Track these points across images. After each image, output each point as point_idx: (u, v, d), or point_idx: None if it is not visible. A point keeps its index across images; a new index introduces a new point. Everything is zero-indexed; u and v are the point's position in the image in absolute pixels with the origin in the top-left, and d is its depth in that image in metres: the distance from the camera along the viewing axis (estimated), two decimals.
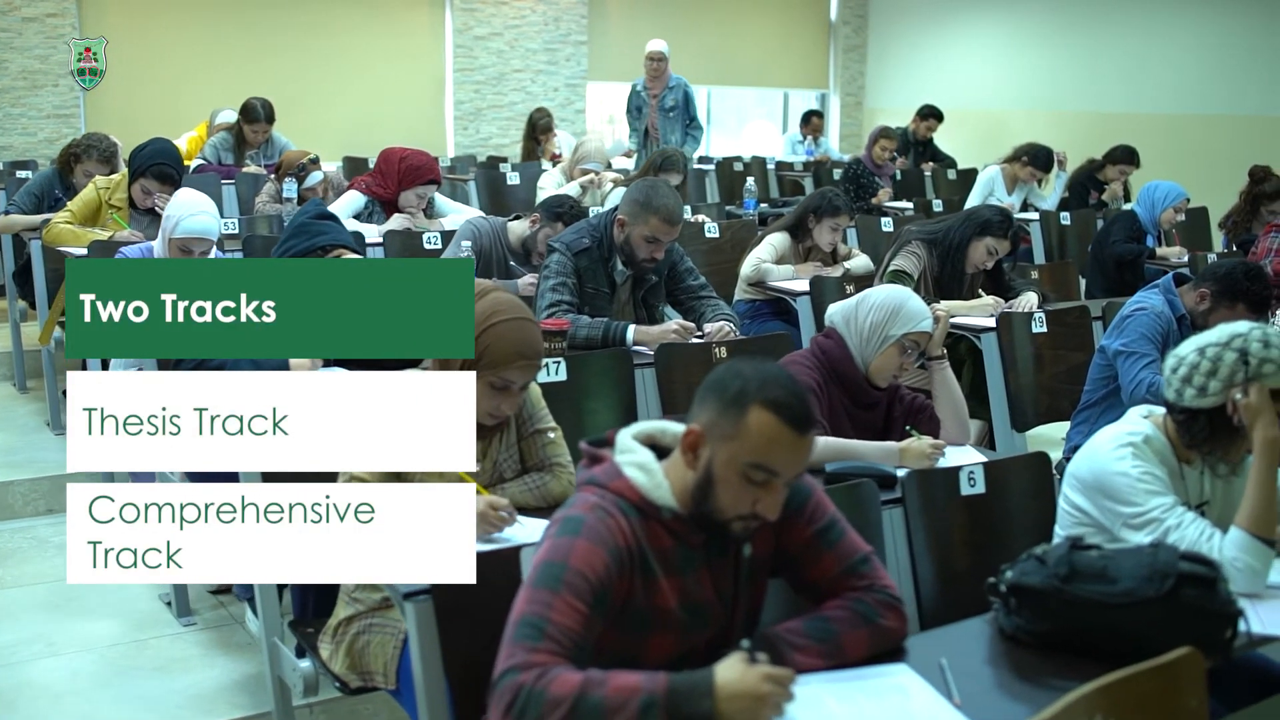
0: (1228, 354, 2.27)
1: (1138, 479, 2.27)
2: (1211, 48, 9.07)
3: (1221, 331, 2.32)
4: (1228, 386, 2.25)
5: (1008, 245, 4.35)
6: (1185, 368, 2.31)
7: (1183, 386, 2.31)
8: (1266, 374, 2.24)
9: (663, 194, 3.66)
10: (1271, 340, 2.27)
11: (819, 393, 2.94)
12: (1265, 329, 2.30)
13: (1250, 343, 2.27)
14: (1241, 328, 2.31)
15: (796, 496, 1.95)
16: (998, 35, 10.55)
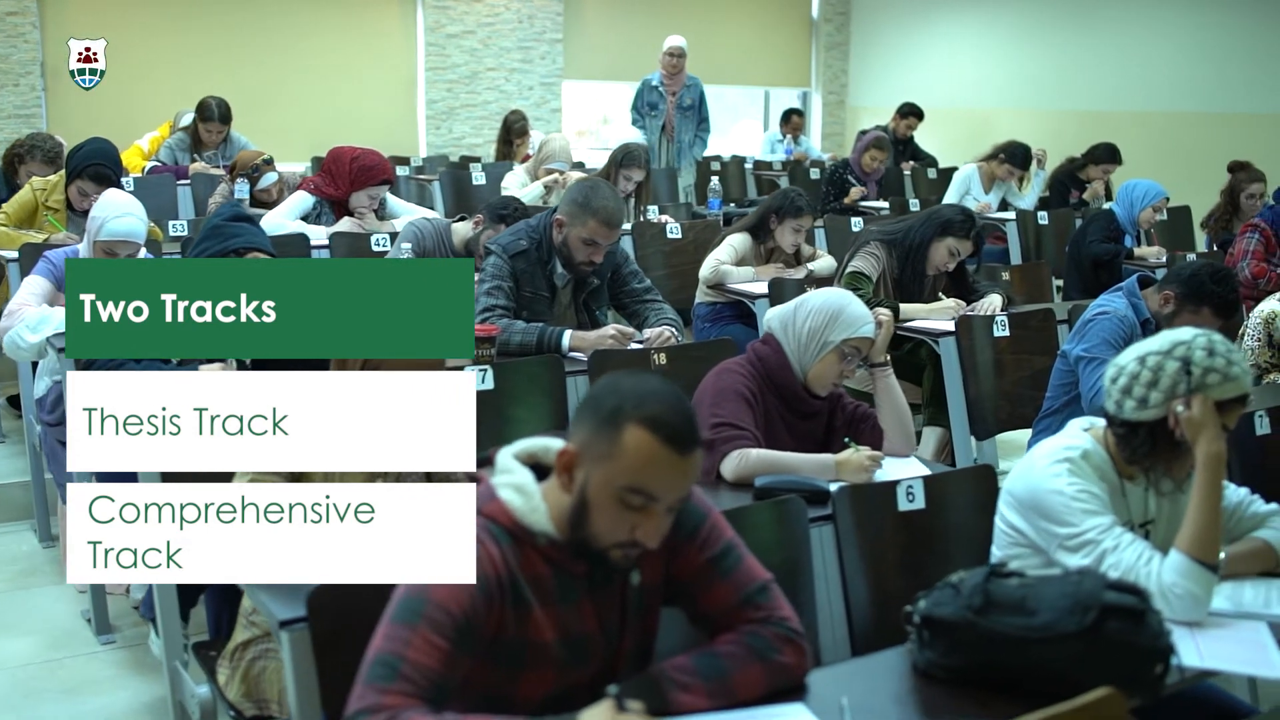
0: (1169, 363, 2.11)
1: (1073, 497, 2.11)
2: (1196, 45, 8.91)
3: (1163, 339, 2.16)
4: (1169, 398, 2.10)
5: (970, 246, 4.19)
6: (1125, 378, 2.15)
7: (1122, 398, 2.15)
8: (1210, 385, 2.08)
9: (603, 195, 3.51)
10: (1217, 348, 2.12)
11: (753, 402, 2.79)
12: (1211, 336, 2.14)
13: (1194, 351, 2.11)
14: (1185, 335, 2.15)
15: (689, 520, 1.80)
16: (982, 32, 10.38)
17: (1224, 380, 2.08)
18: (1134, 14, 9.30)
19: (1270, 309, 4.09)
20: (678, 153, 7.66)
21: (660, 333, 3.48)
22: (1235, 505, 2.28)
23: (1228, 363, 2.10)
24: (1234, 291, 3.39)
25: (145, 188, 6.25)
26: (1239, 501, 2.29)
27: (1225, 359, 2.10)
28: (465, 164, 7.63)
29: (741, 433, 2.72)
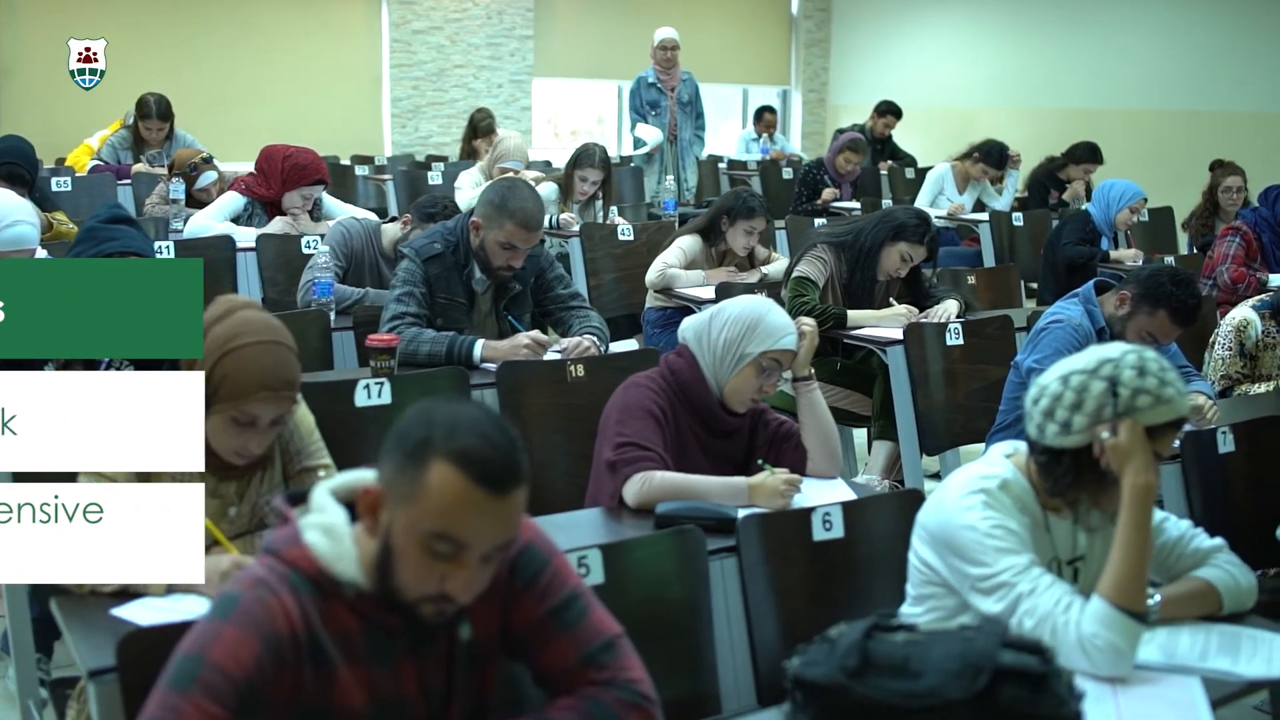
0: (1095, 383, 1.87)
1: (987, 534, 1.88)
2: (1182, 42, 8.67)
3: (1089, 355, 1.93)
4: (1094, 422, 1.86)
5: (924, 252, 3.96)
6: (1046, 399, 1.92)
7: (1044, 421, 1.91)
8: (1141, 407, 1.85)
9: (520, 195, 3.28)
10: (1148, 367, 1.88)
11: (662, 419, 2.56)
12: (1143, 353, 1.91)
13: (1122, 370, 1.87)
14: (1112, 351, 1.92)
15: (529, 566, 1.58)
16: (965, 30, 10.14)
17: (1156, 403, 1.85)
18: (1118, 11, 9.06)
19: (1242, 316, 3.86)
20: (680, 152, 7.17)
21: (578, 342, 3.24)
22: (1175, 540, 2.05)
23: (1160, 383, 1.86)
24: (1194, 297, 3.16)
25: (85, 187, 6.03)
26: (1179, 536, 2.06)
27: (1158, 378, 1.87)
28: (428, 164, 7.40)
29: (646, 454, 2.49)
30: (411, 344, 3.19)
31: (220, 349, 2.03)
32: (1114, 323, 3.24)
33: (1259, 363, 3.85)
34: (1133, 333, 3.21)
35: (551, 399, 3.03)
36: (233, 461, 2.11)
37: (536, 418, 3.01)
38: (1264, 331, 3.83)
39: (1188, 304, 3.14)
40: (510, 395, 2.99)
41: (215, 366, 2.03)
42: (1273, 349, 3.81)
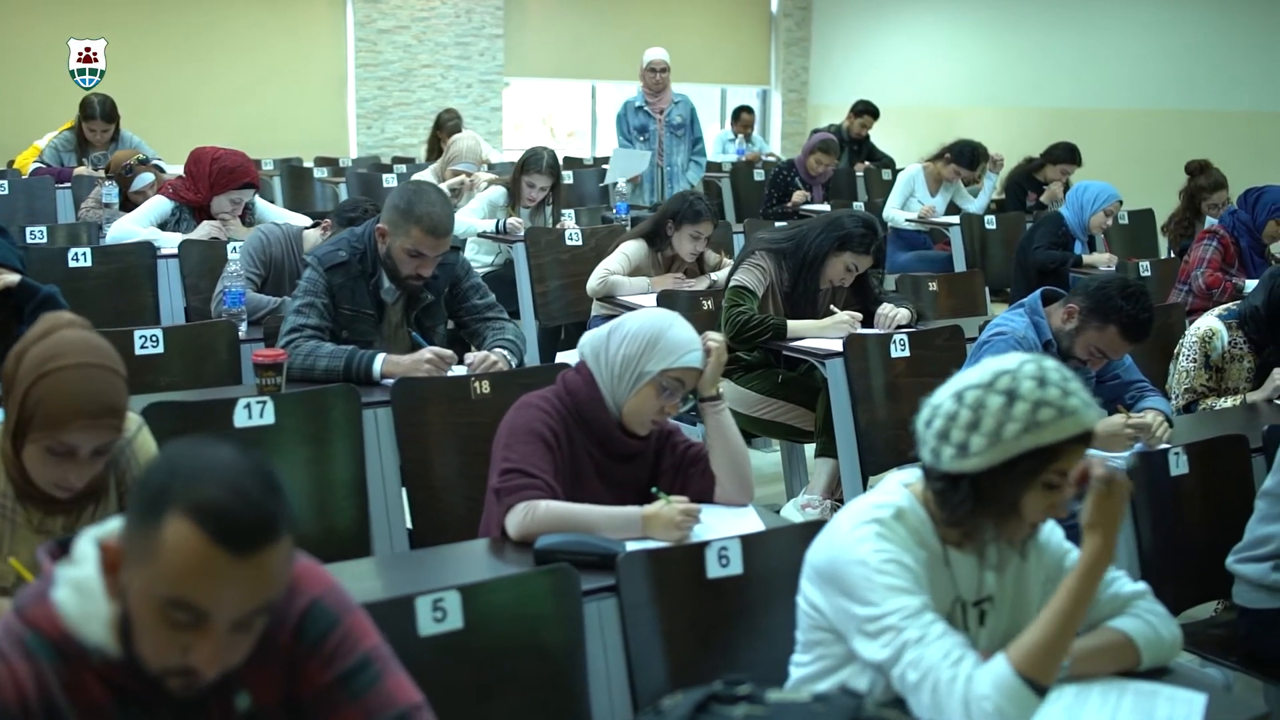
0: (992, 398, 1.67)
1: (877, 569, 1.67)
2: (1164, 41, 8.45)
3: (984, 369, 1.72)
4: (994, 442, 1.66)
5: (870, 261, 3.75)
6: (941, 419, 1.71)
7: (939, 444, 1.71)
8: (1043, 422, 1.64)
9: (428, 200, 3.07)
10: (1049, 376, 1.67)
11: (554, 443, 2.35)
12: (1042, 362, 1.70)
13: (1020, 381, 1.67)
14: (1009, 362, 1.71)
15: (315, 626, 1.38)
16: (947, 28, 9.91)
17: (1059, 416, 1.64)
18: (1101, 9, 8.83)
19: (1208, 326, 3.64)
20: (669, 177, 6.63)
21: (484, 357, 3.03)
22: None
23: (1063, 393, 1.66)
24: (1146, 311, 2.95)
25: (23, 190, 5.86)
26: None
27: (1060, 389, 1.66)
28: (389, 165, 7.20)
29: (531, 481, 2.28)
30: (308, 358, 2.99)
31: (35, 373, 1.83)
32: (1062, 336, 3.03)
33: (1225, 375, 3.63)
34: (1081, 347, 3.01)
35: (452, 418, 2.83)
36: (54, 494, 1.91)
37: (435, 438, 2.81)
38: (1230, 342, 3.61)
39: (1139, 319, 2.94)
40: (406, 414, 2.79)
41: (29, 391, 1.83)
42: (1240, 360, 3.59)
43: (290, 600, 1.39)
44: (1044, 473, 1.67)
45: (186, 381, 3.26)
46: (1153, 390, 3.18)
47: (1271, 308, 3.55)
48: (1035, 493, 1.68)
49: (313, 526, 2.71)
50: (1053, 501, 1.70)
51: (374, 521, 2.77)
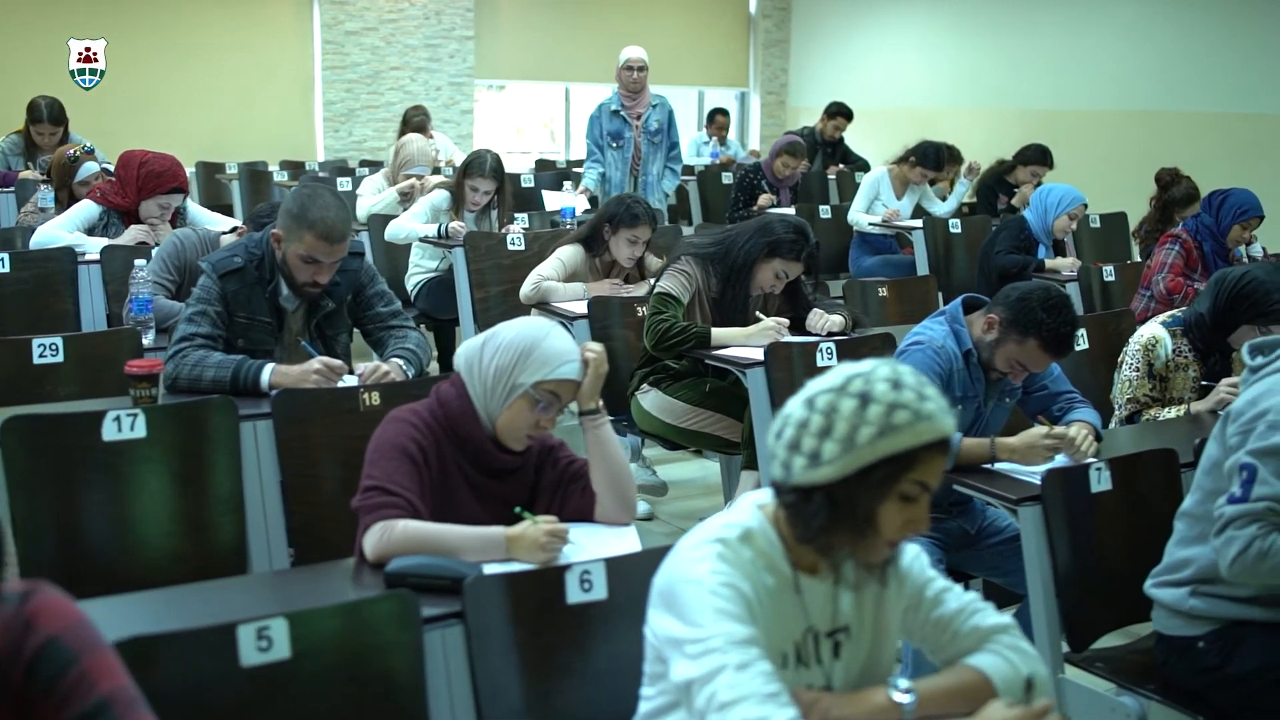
0: (845, 401, 1.55)
1: (712, 590, 1.55)
2: (1145, 41, 8.29)
3: (837, 373, 1.60)
4: (848, 448, 1.54)
5: (800, 268, 3.62)
6: (791, 428, 1.59)
7: (790, 455, 1.58)
8: (899, 426, 1.52)
9: (322, 204, 2.95)
10: (904, 380, 1.55)
11: (420, 459, 2.23)
12: (896, 365, 1.58)
13: (873, 384, 1.55)
14: (863, 365, 1.59)
15: (49, 666, 1.26)
16: (928, 29, 9.76)
17: (915, 419, 1.52)
18: (1082, 10, 8.68)
19: (1151, 334, 3.49)
20: (644, 188, 6.19)
21: (375, 367, 2.90)
22: (952, 616, 1.71)
23: (919, 396, 1.54)
24: (1068, 324, 2.81)
25: None
26: (958, 610, 1.71)
27: (916, 392, 1.54)
28: (351, 169, 7.09)
29: (391, 500, 2.16)
30: (195, 369, 2.88)
31: None
32: (982, 348, 2.90)
33: (1170, 384, 3.48)
34: (1002, 360, 2.87)
35: (338, 431, 2.70)
36: None
37: (319, 451, 2.69)
38: (1175, 350, 3.46)
39: (1060, 332, 2.79)
40: (288, 427, 2.66)
41: None
42: (1185, 369, 3.45)
43: (25, 638, 1.27)
44: (901, 482, 1.55)
45: (85, 392, 3.15)
46: (1082, 402, 3.04)
47: (1217, 314, 3.40)
48: (892, 505, 1.56)
49: (187, 544, 2.61)
50: (911, 516, 1.57)
51: (252, 539, 2.65)
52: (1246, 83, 7.72)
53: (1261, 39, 7.64)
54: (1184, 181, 5.91)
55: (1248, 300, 3.30)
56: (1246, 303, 3.30)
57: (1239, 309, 3.31)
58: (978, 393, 2.92)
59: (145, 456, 2.56)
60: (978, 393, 2.92)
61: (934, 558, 2.86)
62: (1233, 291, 3.32)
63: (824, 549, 1.61)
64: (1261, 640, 2.30)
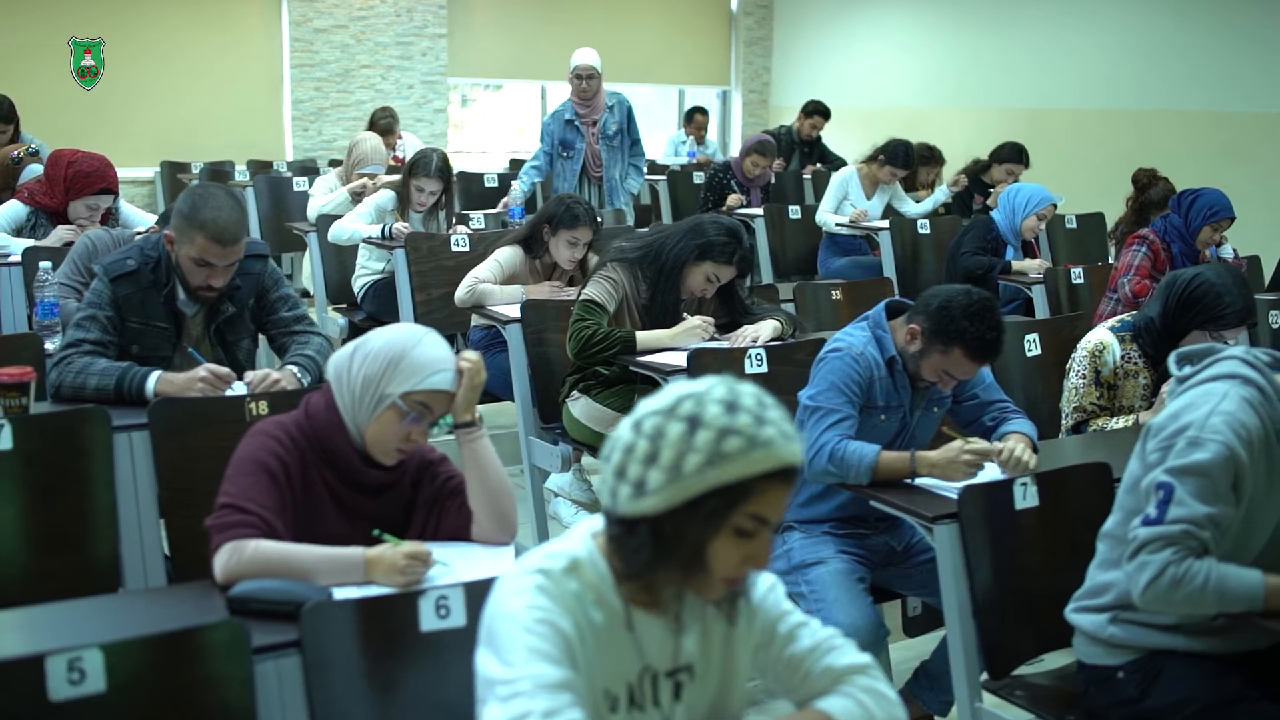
0: (672, 425, 1.40)
1: (526, 627, 1.41)
2: (1130, 40, 8.11)
3: (669, 393, 1.45)
4: (674, 477, 1.39)
5: (732, 271, 3.47)
6: (618, 453, 1.45)
7: (616, 483, 1.44)
8: (729, 453, 1.37)
9: (215, 204, 2.81)
10: (742, 402, 1.40)
11: (281, 474, 2.09)
12: (736, 386, 1.43)
13: (706, 406, 1.40)
14: (697, 385, 1.44)
15: None
16: (912, 28, 9.59)
17: (749, 446, 1.38)
18: (1067, 9, 8.50)
19: (1098, 340, 3.34)
20: (609, 193, 5.99)
21: (265, 375, 2.76)
22: (806, 654, 1.56)
23: (757, 421, 1.39)
24: (993, 330, 2.65)
25: None
26: (813, 647, 1.57)
27: (753, 415, 1.39)
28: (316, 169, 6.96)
29: (244, 518, 2.02)
30: (79, 376, 2.74)
31: None
32: (908, 358, 2.75)
33: (1120, 392, 3.33)
34: (928, 370, 2.73)
35: (221, 442, 2.53)
36: None
37: (200, 464, 2.53)
38: (1124, 357, 3.31)
39: (985, 338, 2.64)
40: (166, 438, 2.51)
41: None
42: (1134, 376, 3.30)
43: None
44: (733, 516, 1.40)
45: None
46: (1017, 412, 2.89)
47: (1167, 319, 3.24)
48: (725, 540, 1.42)
49: (55, 561, 2.47)
50: (749, 552, 1.43)
51: (126, 555, 2.52)
52: (1232, 81, 7.55)
53: (1244, 37, 7.47)
54: (1161, 182, 5.74)
55: (1198, 304, 3.14)
56: (1197, 307, 3.14)
57: (1190, 313, 3.15)
58: (903, 401, 2.77)
59: (11, 469, 2.42)
60: (903, 401, 2.77)
61: (856, 575, 2.72)
62: (1183, 295, 3.17)
63: (650, 586, 1.47)
64: (1183, 671, 2.15)
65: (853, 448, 2.61)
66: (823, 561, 2.71)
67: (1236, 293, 3.10)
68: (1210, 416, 2.09)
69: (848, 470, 2.59)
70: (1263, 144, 7.36)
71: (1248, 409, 2.10)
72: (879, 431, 2.74)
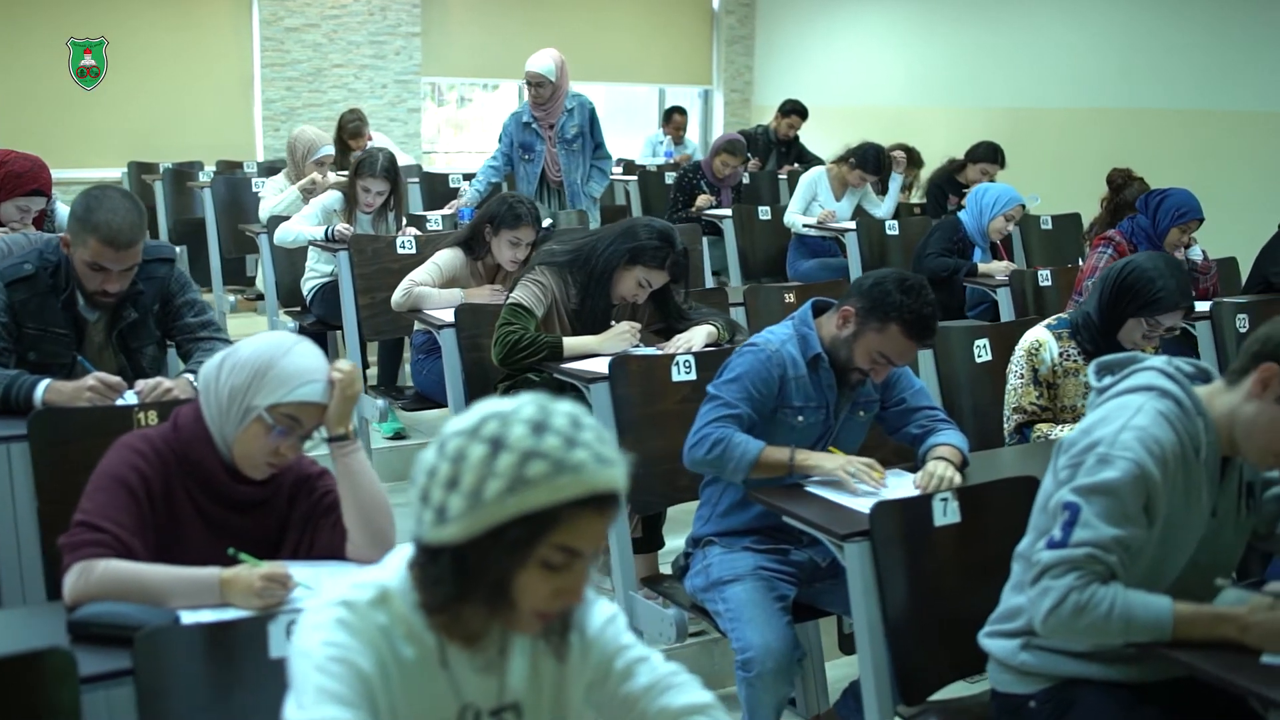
0: (474, 447, 1.29)
1: (318, 666, 1.31)
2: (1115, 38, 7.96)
3: (475, 413, 1.34)
4: (474, 504, 1.28)
5: (665, 276, 3.35)
6: (423, 476, 1.34)
7: (421, 509, 1.33)
8: (532, 479, 1.26)
9: (109, 206, 2.70)
10: (552, 422, 1.29)
11: (141, 490, 1.99)
12: (548, 405, 1.31)
13: (511, 426, 1.29)
14: (507, 403, 1.32)
15: None
16: (896, 26, 9.44)
17: (555, 472, 1.26)
18: (1051, 7, 8.36)
19: (1035, 338, 3.24)
20: (571, 197, 5.73)
21: (156, 384, 2.64)
22: (643, 691, 1.45)
23: (566, 444, 1.28)
24: (929, 305, 2.60)
25: None
26: (650, 684, 1.45)
27: (563, 438, 1.28)
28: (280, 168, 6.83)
29: (98, 537, 1.92)
30: None
31: None
32: (838, 345, 2.66)
33: (1061, 392, 3.22)
34: (862, 355, 2.63)
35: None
36: None
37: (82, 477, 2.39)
38: (1062, 354, 3.21)
39: (922, 313, 2.58)
40: (46, 449, 2.40)
41: None
42: (1074, 375, 3.18)
43: None
44: (538, 546, 1.29)
45: None
46: (946, 422, 2.77)
47: (1104, 311, 3.17)
48: (533, 573, 1.30)
49: None
50: (561, 586, 1.32)
51: (5, 571, 2.42)
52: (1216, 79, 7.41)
53: (1227, 36, 7.33)
54: (1136, 183, 5.60)
55: (1132, 291, 3.09)
56: (1130, 294, 3.09)
57: (1124, 301, 3.10)
58: (825, 402, 2.67)
59: None
60: (825, 402, 2.67)
61: (774, 594, 2.60)
62: (1116, 284, 3.11)
63: (457, 620, 1.36)
64: (1097, 702, 2.03)
65: (738, 439, 2.56)
66: (739, 579, 2.60)
67: (1169, 275, 3.06)
68: (1121, 432, 1.97)
69: (726, 461, 2.55)
70: (1246, 143, 7.22)
71: (1162, 424, 1.98)
72: (798, 434, 2.65)
